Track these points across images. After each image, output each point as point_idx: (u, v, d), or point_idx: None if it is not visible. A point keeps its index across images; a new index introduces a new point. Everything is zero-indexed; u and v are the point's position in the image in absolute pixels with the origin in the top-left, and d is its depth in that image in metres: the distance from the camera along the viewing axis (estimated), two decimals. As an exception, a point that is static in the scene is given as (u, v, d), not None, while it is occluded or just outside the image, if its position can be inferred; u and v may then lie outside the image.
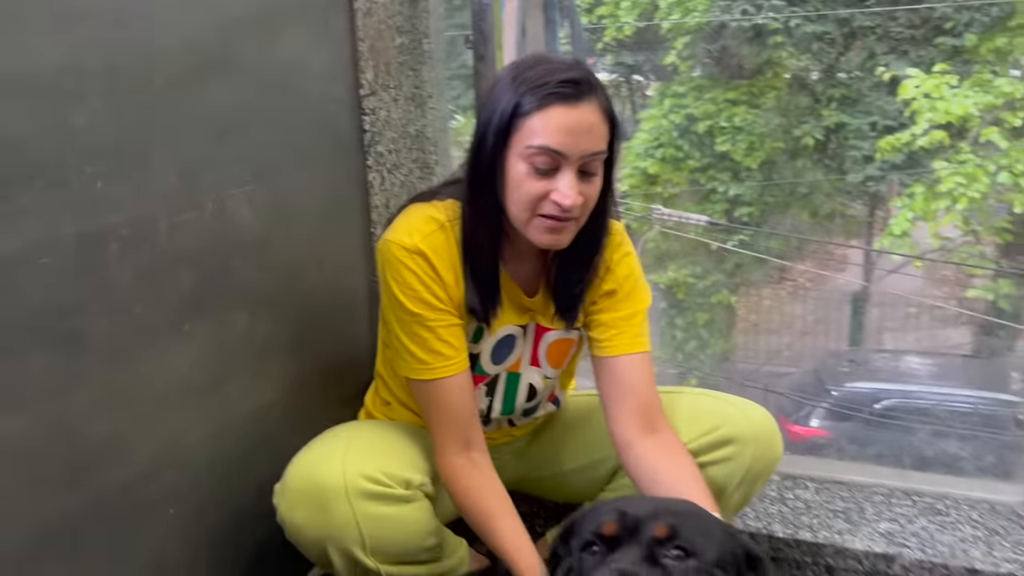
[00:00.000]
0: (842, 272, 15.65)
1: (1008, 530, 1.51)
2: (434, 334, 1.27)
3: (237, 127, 1.29)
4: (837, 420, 7.73)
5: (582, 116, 1.17)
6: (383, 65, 1.64)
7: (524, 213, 1.21)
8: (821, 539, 1.50)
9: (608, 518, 1.02)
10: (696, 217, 7.91)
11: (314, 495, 1.19)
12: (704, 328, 10.85)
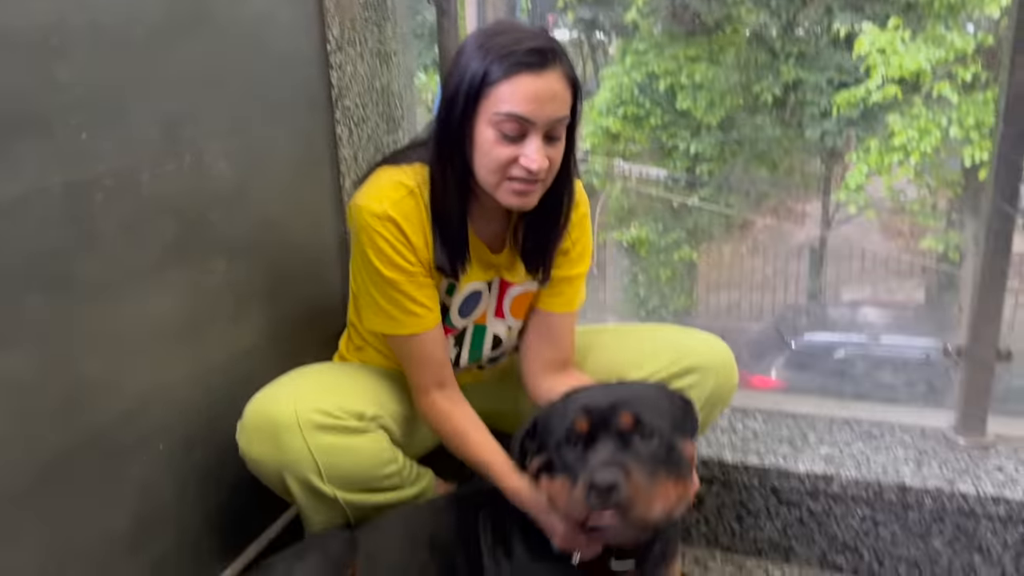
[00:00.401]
0: (801, 226, 15.91)
1: (936, 451, 1.64)
2: (407, 296, 1.34)
3: (212, 81, 1.35)
4: (796, 371, 7.96)
5: (548, 84, 1.23)
6: (348, 21, 1.69)
7: (493, 177, 1.27)
8: (767, 463, 1.61)
9: (579, 416, 1.14)
10: (655, 171, 7.98)
11: (268, 429, 1.28)
12: (666, 285, 11.01)
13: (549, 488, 1.17)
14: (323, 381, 1.39)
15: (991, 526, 1.50)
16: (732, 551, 1.68)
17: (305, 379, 1.38)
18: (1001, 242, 1.56)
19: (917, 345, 7.55)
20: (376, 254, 1.31)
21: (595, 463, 1.09)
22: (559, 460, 1.15)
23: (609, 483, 1.05)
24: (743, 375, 5.74)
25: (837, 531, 1.59)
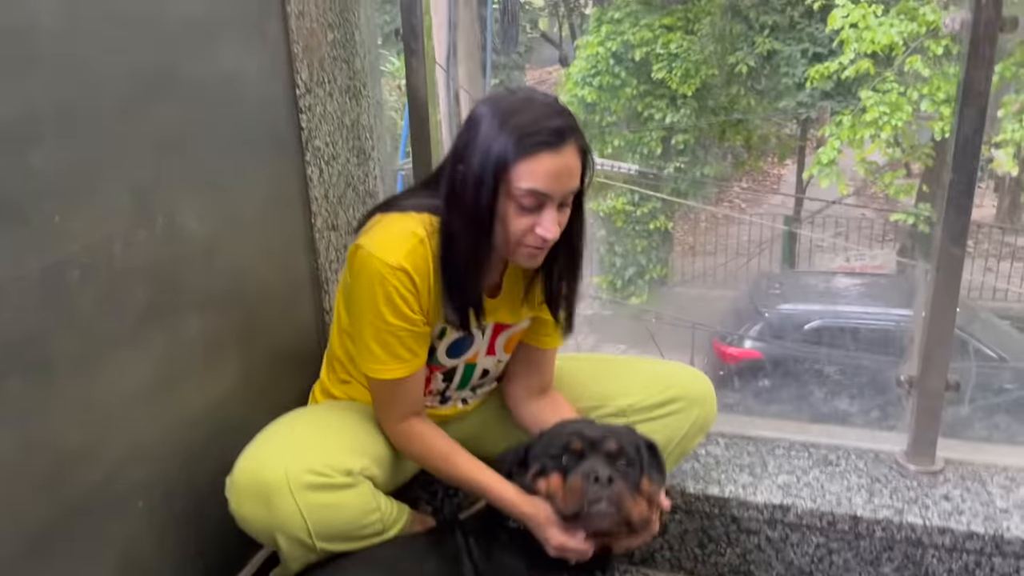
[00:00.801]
0: (775, 194, 16.02)
1: (887, 478, 1.72)
2: (400, 342, 1.39)
3: (182, 142, 1.37)
4: (769, 342, 8.09)
5: (565, 160, 1.29)
6: (316, 63, 1.70)
7: (510, 243, 1.35)
8: (727, 493, 1.69)
9: (574, 439, 1.36)
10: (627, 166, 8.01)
11: (259, 491, 1.31)
12: (642, 254, 11.08)
13: (547, 485, 1.36)
14: (310, 436, 1.43)
15: (937, 555, 1.58)
16: (695, 574, 1.75)
17: (292, 435, 1.42)
18: (950, 280, 1.62)
19: (888, 314, 7.71)
20: (385, 303, 1.35)
21: (590, 464, 1.33)
22: (553, 467, 1.37)
23: (605, 475, 1.30)
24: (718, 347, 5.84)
25: (793, 557, 1.67)
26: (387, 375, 1.41)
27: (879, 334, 7.46)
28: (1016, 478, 1.71)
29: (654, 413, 1.58)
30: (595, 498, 1.30)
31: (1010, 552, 1.54)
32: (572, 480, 1.32)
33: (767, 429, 1.92)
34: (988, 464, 1.76)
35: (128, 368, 1.29)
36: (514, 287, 1.50)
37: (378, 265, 1.34)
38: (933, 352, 1.67)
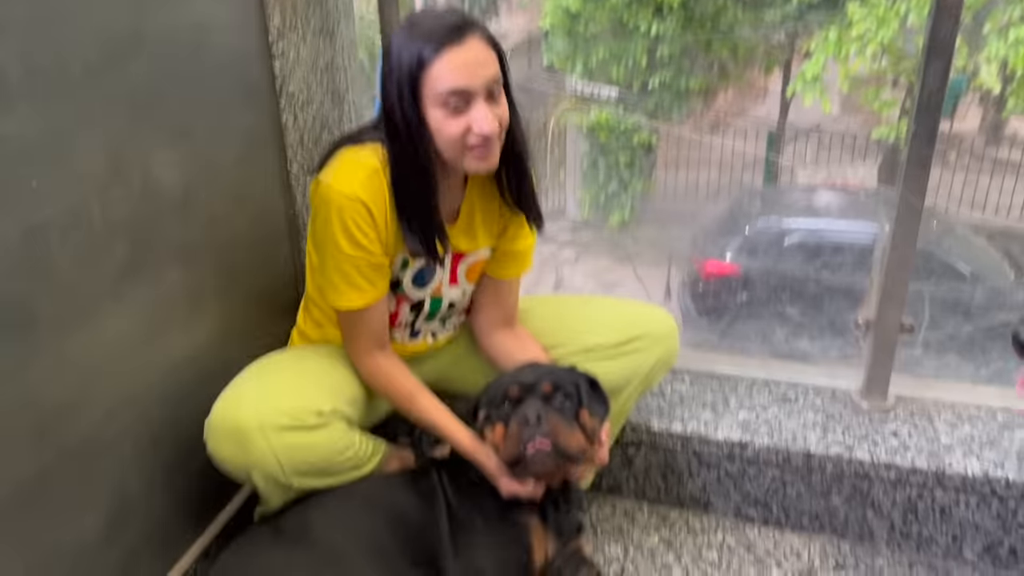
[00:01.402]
0: (760, 107, 15.88)
1: (841, 415, 1.82)
2: (359, 271, 1.45)
3: (155, 98, 1.37)
4: (749, 256, 8.18)
5: (473, 52, 1.34)
6: (290, 7, 1.69)
7: (454, 150, 1.38)
8: (690, 430, 1.78)
9: (512, 386, 1.45)
10: (607, 89, 7.89)
11: (234, 433, 1.39)
12: (626, 169, 11.04)
13: (493, 435, 1.44)
14: (284, 379, 1.49)
15: (883, 487, 1.69)
16: (658, 503, 1.86)
17: (266, 378, 1.49)
18: (908, 229, 1.67)
19: (866, 231, 7.80)
20: (342, 232, 1.41)
21: (522, 412, 1.42)
22: (496, 416, 1.46)
23: (535, 415, 1.39)
24: (699, 261, 5.95)
25: (750, 488, 1.78)
26: (345, 304, 1.48)
27: (857, 250, 7.57)
28: (962, 415, 1.81)
29: (619, 350, 1.65)
30: (529, 438, 1.38)
31: (950, 486, 1.64)
32: (511, 427, 1.42)
33: (731, 366, 2.01)
34: (937, 401, 1.86)
35: (111, 322, 1.33)
36: (472, 215, 1.56)
37: (334, 196, 1.39)
38: (889, 298, 1.74)
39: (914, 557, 1.70)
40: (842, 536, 1.75)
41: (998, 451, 1.67)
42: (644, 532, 1.78)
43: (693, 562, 1.70)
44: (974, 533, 1.67)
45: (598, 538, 1.77)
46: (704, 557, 1.71)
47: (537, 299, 1.83)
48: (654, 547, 1.74)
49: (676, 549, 1.73)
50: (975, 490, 1.63)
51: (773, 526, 1.79)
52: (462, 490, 1.53)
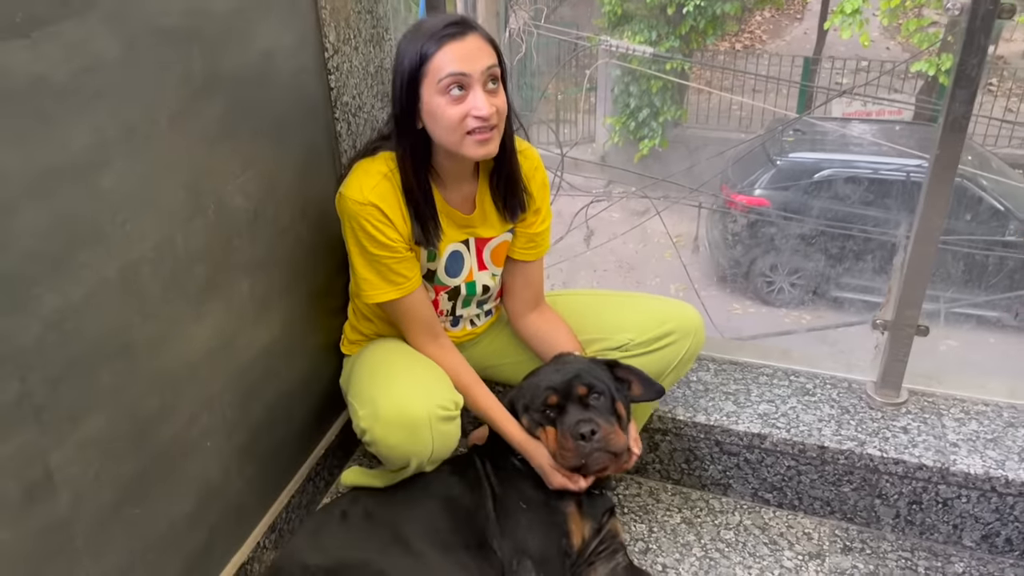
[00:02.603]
0: (800, 21, 15.43)
1: (856, 409, 1.95)
2: (389, 268, 1.62)
3: (227, 132, 1.49)
4: (778, 190, 8.18)
5: (472, 43, 1.49)
6: (343, 21, 1.77)
7: (454, 135, 1.53)
8: (713, 421, 1.92)
9: (549, 394, 1.62)
10: (641, 48, 7.75)
11: (407, 426, 1.57)
12: (657, 96, 10.90)
13: (547, 439, 1.63)
14: (426, 375, 1.69)
15: (891, 480, 1.83)
16: (681, 484, 2.03)
17: (420, 375, 1.68)
18: (926, 241, 1.76)
19: (898, 164, 7.73)
20: (364, 235, 1.59)
21: (572, 421, 1.57)
22: (544, 420, 1.63)
23: (589, 429, 1.56)
24: (726, 192, 6.05)
25: (767, 475, 1.93)
26: (383, 297, 1.65)
27: (888, 185, 7.53)
28: (970, 411, 1.94)
29: (652, 347, 1.79)
30: (589, 451, 1.57)
31: (953, 482, 1.78)
32: (563, 439, 1.59)
33: (754, 355, 2.13)
34: (947, 396, 1.98)
35: (192, 337, 1.48)
36: (486, 203, 1.72)
37: (349, 204, 1.58)
38: (907, 303, 1.84)
39: (916, 542, 1.86)
40: (851, 521, 1.90)
41: (1001, 449, 1.80)
42: (667, 512, 1.95)
43: (712, 541, 1.87)
44: (973, 524, 1.81)
45: (624, 516, 1.94)
46: (722, 537, 1.88)
47: (570, 294, 1.96)
48: (676, 526, 1.91)
49: (696, 528, 1.90)
50: (976, 486, 1.77)
51: (787, 509, 1.95)
52: (504, 477, 1.70)
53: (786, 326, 7.40)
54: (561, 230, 4.88)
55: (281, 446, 1.81)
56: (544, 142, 7.89)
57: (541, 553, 1.60)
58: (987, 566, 1.80)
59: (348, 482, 1.82)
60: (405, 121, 1.55)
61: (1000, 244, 7.28)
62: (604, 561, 1.69)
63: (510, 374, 1.93)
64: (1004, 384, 1.99)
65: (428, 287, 1.73)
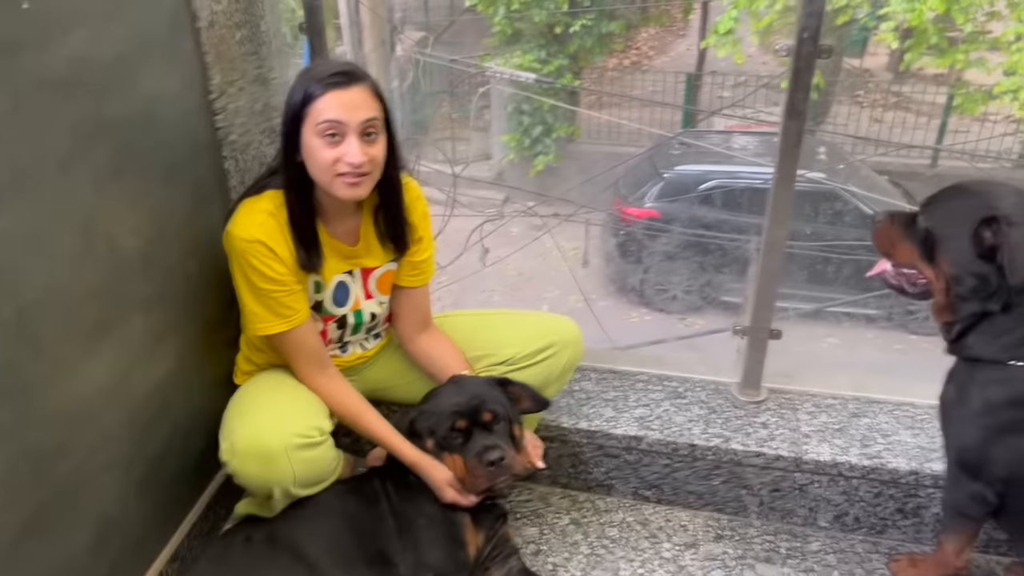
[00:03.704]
0: (683, 38, 16.04)
1: (722, 408, 2.14)
2: (278, 301, 1.71)
3: (116, 174, 1.54)
4: (667, 201, 8.54)
5: (354, 95, 1.60)
6: (227, 64, 1.85)
7: (326, 176, 1.63)
8: (595, 427, 2.07)
9: (456, 419, 1.72)
10: (525, 74, 8.00)
11: (262, 455, 1.64)
12: (549, 113, 11.17)
13: (454, 465, 1.73)
14: (287, 403, 1.75)
15: (754, 471, 2.02)
16: (568, 488, 2.17)
17: (276, 404, 1.74)
18: (773, 254, 1.97)
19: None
20: (252, 271, 1.67)
21: (481, 446, 1.68)
22: (449, 446, 1.73)
23: (498, 456, 1.67)
24: (619, 206, 6.31)
25: (646, 474, 2.09)
26: (272, 330, 1.73)
27: (767, 195, 7.95)
28: (820, 404, 2.15)
29: (535, 359, 1.93)
30: (497, 477, 1.69)
31: (807, 470, 1.98)
32: (473, 467, 1.70)
33: (631, 363, 2.30)
34: (801, 392, 2.19)
35: (88, 374, 1.53)
36: (370, 235, 1.82)
37: (237, 242, 1.66)
38: (760, 310, 2.04)
39: (779, 526, 2.05)
40: (721, 511, 2.09)
41: (846, 438, 2.02)
42: (556, 514, 2.09)
43: (598, 539, 2.01)
44: (826, 506, 2.02)
45: (517, 521, 2.06)
46: (607, 534, 2.03)
47: (457, 315, 2.08)
48: (564, 527, 2.05)
49: (584, 528, 2.05)
50: (826, 472, 1.97)
51: (665, 504, 2.11)
52: (402, 493, 1.80)
53: (680, 331, 7.71)
54: (457, 249, 5.00)
55: (180, 477, 1.86)
56: (441, 160, 8.01)
57: (441, 566, 1.70)
58: (840, 543, 2.00)
59: (241, 512, 1.87)
60: (288, 154, 1.65)
61: (869, 248, 7.78)
62: (498, 566, 1.81)
63: (404, 395, 2.03)
64: (850, 379, 2.22)
65: (316, 317, 1.82)
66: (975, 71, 8.65)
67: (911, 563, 1.89)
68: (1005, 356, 1.52)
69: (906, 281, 1.68)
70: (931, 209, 1.60)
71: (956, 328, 1.59)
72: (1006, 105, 8.46)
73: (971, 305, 1.54)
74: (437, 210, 4.50)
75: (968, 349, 1.58)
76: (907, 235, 1.63)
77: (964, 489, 1.64)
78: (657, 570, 1.92)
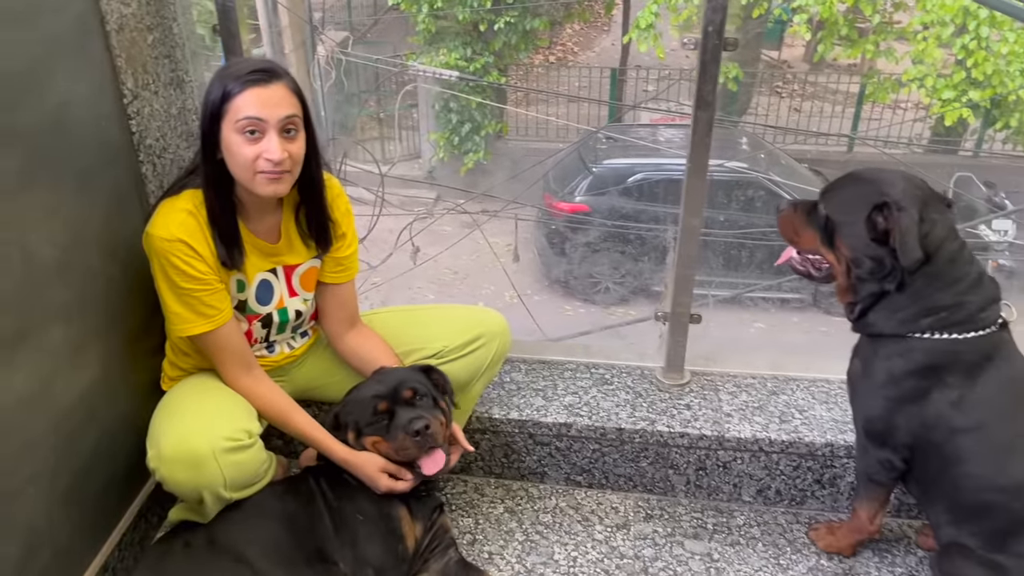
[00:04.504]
0: (607, 33, 16.24)
1: (647, 392, 2.20)
2: (200, 300, 1.70)
3: (30, 181, 1.52)
4: (596, 195, 8.66)
5: (273, 92, 1.61)
6: (140, 68, 1.83)
7: (246, 173, 1.64)
8: (525, 416, 2.12)
9: (378, 401, 1.75)
10: (448, 72, 8.02)
11: (190, 461, 1.63)
12: (477, 110, 11.19)
13: (378, 446, 1.75)
14: (214, 407, 1.74)
15: (679, 451, 2.09)
16: (502, 477, 2.21)
17: (202, 408, 1.73)
18: (689, 241, 2.03)
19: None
20: (173, 271, 1.67)
21: (405, 420, 1.71)
22: (374, 430, 1.75)
23: (423, 425, 1.70)
24: (549, 201, 6.39)
25: (576, 459, 2.15)
26: (195, 330, 1.72)
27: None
28: (740, 384, 2.24)
29: (465, 351, 1.97)
30: (425, 446, 1.72)
31: (729, 447, 2.06)
32: (401, 440, 1.72)
33: (560, 353, 2.35)
34: (723, 374, 2.27)
35: (7, 385, 1.50)
36: (292, 232, 1.83)
37: (157, 242, 1.65)
38: (679, 298, 2.11)
39: (706, 503, 2.13)
40: (650, 492, 2.15)
41: (765, 415, 2.11)
42: (491, 504, 2.13)
43: (532, 525, 2.06)
44: (749, 481, 2.10)
45: (453, 513, 2.09)
46: (540, 520, 2.07)
47: (385, 312, 2.10)
48: (499, 516, 2.09)
49: (518, 516, 2.09)
50: (747, 448, 2.06)
51: (596, 488, 2.17)
52: (338, 491, 1.81)
53: (612, 322, 7.83)
54: (389, 249, 4.99)
55: (108, 486, 1.83)
56: (369, 160, 7.96)
57: (381, 561, 1.72)
58: (763, 516, 2.09)
59: (174, 519, 1.85)
60: (207, 151, 1.64)
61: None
62: (436, 558, 1.83)
63: (334, 393, 2.04)
64: (769, 359, 2.31)
65: (240, 317, 1.81)
66: (885, 60, 8.99)
67: (829, 530, 1.99)
68: (904, 330, 1.62)
69: (811, 266, 1.77)
70: (829, 197, 1.69)
71: (858, 307, 1.68)
72: (915, 92, 8.81)
73: (869, 285, 1.64)
74: (366, 210, 4.49)
75: (870, 326, 1.67)
76: (809, 222, 1.72)
77: (873, 457, 1.73)
78: (590, 552, 1.97)
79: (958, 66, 8.33)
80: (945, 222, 1.58)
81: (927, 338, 1.60)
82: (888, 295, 1.63)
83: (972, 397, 1.57)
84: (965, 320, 1.58)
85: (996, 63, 7.75)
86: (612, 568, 1.93)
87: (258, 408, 1.81)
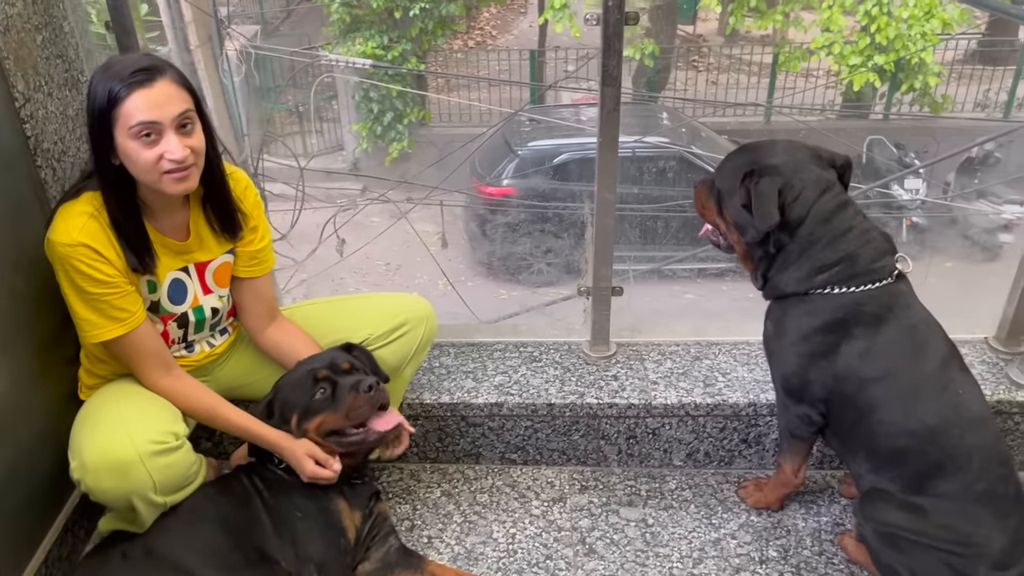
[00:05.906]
0: (524, 15, 16.23)
1: (576, 367, 2.23)
2: (111, 304, 1.65)
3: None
4: (522, 178, 8.69)
5: (160, 91, 1.56)
6: (30, 69, 1.77)
7: (151, 175, 1.60)
8: (456, 399, 2.13)
9: (319, 371, 1.74)
10: (361, 61, 7.92)
11: (116, 467, 1.58)
12: (398, 99, 11.09)
13: (324, 424, 1.73)
14: (135, 412, 1.69)
15: (609, 422, 2.13)
16: (438, 462, 2.22)
17: (123, 414, 1.67)
18: (605, 215, 2.06)
19: (624, 143, 8.48)
20: (79, 276, 1.62)
21: (351, 382, 1.70)
22: (318, 408, 1.73)
23: (372, 382, 1.69)
24: (477, 186, 6.41)
25: (510, 438, 2.17)
26: (108, 335, 1.68)
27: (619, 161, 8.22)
28: (665, 352, 2.28)
29: (390, 337, 1.97)
30: (378, 402, 1.71)
31: (657, 414, 2.11)
32: (351, 400, 1.70)
33: (488, 335, 2.36)
34: (647, 343, 2.32)
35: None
36: (201, 227, 1.80)
37: (59, 248, 1.60)
38: (599, 271, 2.14)
39: (638, 471, 2.17)
40: (584, 464, 2.19)
41: (690, 380, 2.16)
42: (428, 488, 2.13)
43: (470, 507, 2.07)
44: (678, 446, 2.15)
45: (390, 501, 2.09)
46: (478, 500, 2.09)
47: (308, 305, 2.08)
48: (436, 500, 2.10)
49: (455, 498, 2.10)
50: (674, 414, 2.10)
51: (531, 465, 2.20)
52: (273, 489, 1.79)
53: (543, 302, 7.88)
54: (313, 243, 4.93)
55: (31, 500, 1.78)
56: (288, 155, 7.83)
57: (322, 557, 1.71)
58: (694, 478, 2.14)
59: (106, 529, 1.80)
60: (101, 159, 1.59)
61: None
62: (377, 547, 1.83)
63: (261, 390, 2.01)
64: (689, 325, 2.36)
65: (155, 318, 1.77)
66: (794, 30, 9.20)
67: (757, 487, 2.05)
68: (803, 288, 1.68)
69: (720, 237, 1.82)
70: (720, 168, 1.76)
71: (759, 273, 1.74)
72: (824, 60, 9.05)
73: (757, 250, 1.71)
74: (288, 205, 4.42)
75: (774, 289, 1.73)
76: (710, 195, 1.77)
77: (792, 413, 1.79)
78: (528, 527, 2.00)
79: (863, 32, 8.59)
80: (819, 184, 1.64)
81: (828, 293, 1.66)
82: (780, 257, 1.69)
83: (877, 347, 1.64)
84: (860, 273, 1.64)
85: (898, 27, 8.01)
86: (550, 541, 1.96)
87: (183, 407, 1.77)
